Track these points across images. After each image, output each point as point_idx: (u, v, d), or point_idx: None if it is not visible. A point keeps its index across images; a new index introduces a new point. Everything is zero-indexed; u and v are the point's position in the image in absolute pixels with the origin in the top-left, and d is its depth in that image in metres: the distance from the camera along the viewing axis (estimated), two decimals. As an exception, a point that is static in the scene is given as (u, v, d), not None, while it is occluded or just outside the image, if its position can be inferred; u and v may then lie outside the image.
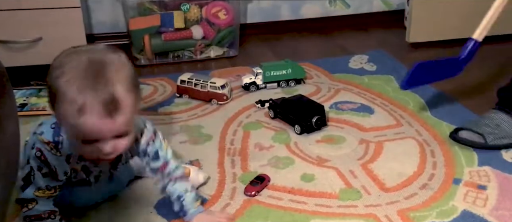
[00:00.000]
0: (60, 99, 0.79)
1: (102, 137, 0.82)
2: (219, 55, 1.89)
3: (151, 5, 1.81)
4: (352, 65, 1.80)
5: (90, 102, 0.77)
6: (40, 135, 0.89)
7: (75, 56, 0.81)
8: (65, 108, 0.79)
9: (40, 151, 0.89)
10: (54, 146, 0.88)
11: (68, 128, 0.83)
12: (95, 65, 0.79)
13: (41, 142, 0.88)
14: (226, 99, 1.51)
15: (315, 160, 1.22)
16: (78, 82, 0.77)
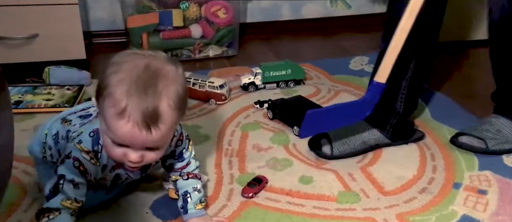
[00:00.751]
0: (106, 95, 0.79)
1: (133, 145, 0.81)
2: (218, 55, 1.89)
3: (150, 3, 1.81)
4: (353, 67, 1.80)
5: (132, 109, 0.77)
6: (79, 144, 0.86)
7: (135, 58, 0.81)
8: (107, 106, 0.79)
9: (78, 160, 0.86)
10: (94, 155, 0.87)
11: (104, 124, 0.82)
12: (150, 72, 0.79)
13: (80, 151, 0.86)
14: (225, 99, 1.51)
15: (314, 162, 1.22)
16: (128, 85, 0.77)
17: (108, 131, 0.82)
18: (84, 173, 0.87)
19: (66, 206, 0.87)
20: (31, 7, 1.57)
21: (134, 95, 0.77)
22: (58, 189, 0.86)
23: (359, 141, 1.23)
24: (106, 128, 0.82)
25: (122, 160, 0.85)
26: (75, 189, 0.87)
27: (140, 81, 0.78)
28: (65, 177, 0.87)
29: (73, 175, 0.87)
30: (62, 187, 0.86)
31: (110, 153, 0.85)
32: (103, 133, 0.84)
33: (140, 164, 0.86)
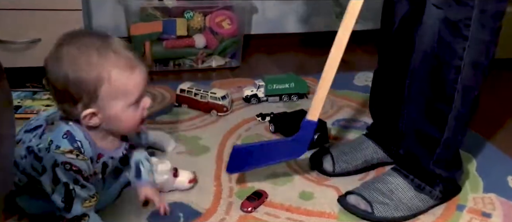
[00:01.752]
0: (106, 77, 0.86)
1: (143, 89, 0.92)
2: (221, 66, 1.90)
3: (154, 11, 1.82)
4: (357, 82, 1.80)
5: (134, 58, 0.90)
6: (58, 149, 0.89)
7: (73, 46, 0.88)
8: (118, 78, 0.87)
9: (68, 163, 0.89)
10: (79, 151, 0.90)
11: (114, 106, 0.89)
12: (101, 36, 0.91)
13: (63, 154, 0.89)
14: (226, 111, 1.51)
15: (315, 178, 1.22)
16: (112, 52, 0.88)
17: (127, 98, 0.90)
18: (79, 172, 0.90)
19: (88, 206, 0.92)
20: (34, 11, 1.58)
21: (124, 51, 0.89)
22: (71, 196, 0.90)
23: (362, 160, 1.23)
24: (123, 102, 0.90)
25: (140, 117, 0.93)
26: (84, 189, 0.91)
27: (105, 43, 0.88)
28: (69, 183, 0.89)
29: (74, 178, 0.90)
30: (74, 192, 0.90)
31: (130, 122, 0.93)
32: (118, 116, 0.91)
33: (146, 112, 0.95)
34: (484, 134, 1.43)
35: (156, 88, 1.68)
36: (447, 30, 0.97)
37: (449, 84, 1.00)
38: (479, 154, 1.34)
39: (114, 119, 0.91)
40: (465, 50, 0.97)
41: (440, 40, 0.98)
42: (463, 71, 0.98)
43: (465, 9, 0.95)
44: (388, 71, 1.20)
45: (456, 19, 0.96)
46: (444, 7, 0.96)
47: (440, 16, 0.97)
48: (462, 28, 0.96)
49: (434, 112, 1.04)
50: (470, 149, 1.34)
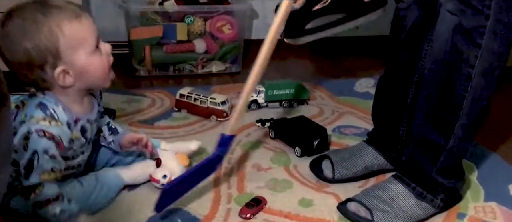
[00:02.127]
0: (61, 25, 0.92)
1: (97, 33, 0.97)
2: (221, 71, 1.91)
3: (155, 16, 1.83)
4: (358, 89, 1.80)
5: (76, 8, 0.95)
6: (31, 119, 0.94)
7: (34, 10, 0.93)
8: (70, 29, 0.93)
9: (41, 131, 0.93)
10: (52, 118, 0.94)
11: (78, 57, 0.95)
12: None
13: (37, 123, 0.94)
14: (226, 116, 1.51)
15: (315, 185, 1.22)
16: (54, 9, 0.93)
17: (86, 46, 0.95)
18: (52, 138, 0.93)
19: (45, 179, 0.94)
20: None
21: (60, 5, 0.94)
22: (32, 166, 0.92)
23: (362, 166, 1.23)
24: (85, 55, 0.95)
25: (107, 63, 1.00)
26: (52, 160, 0.94)
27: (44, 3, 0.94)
28: (37, 152, 0.92)
29: (44, 146, 0.93)
30: (38, 162, 0.93)
31: (99, 70, 0.98)
32: (86, 65, 0.96)
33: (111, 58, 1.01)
34: (486, 142, 1.43)
35: (155, 93, 1.68)
36: (460, 38, 0.97)
37: (458, 93, 1.00)
38: (480, 162, 1.34)
39: (84, 71, 0.97)
40: (477, 59, 0.97)
41: (452, 47, 0.98)
42: (473, 80, 0.98)
43: (480, 17, 0.94)
44: (394, 77, 1.20)
45: (470, 27, 0.95)
46: (459, 14, 0.96)
47: (454, 22, 0.96)
48: (476, 36, 0.95)
49: (440, 120, 1.04)
50: (471, 157, 1.33)
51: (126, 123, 1.47)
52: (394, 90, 1.21)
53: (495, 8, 0.93)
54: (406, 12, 1.13)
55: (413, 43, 1.13)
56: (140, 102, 1.61)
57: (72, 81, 0.97)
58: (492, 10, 0.94)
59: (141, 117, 1.52)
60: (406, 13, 1.13)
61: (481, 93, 1.01)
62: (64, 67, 0.94)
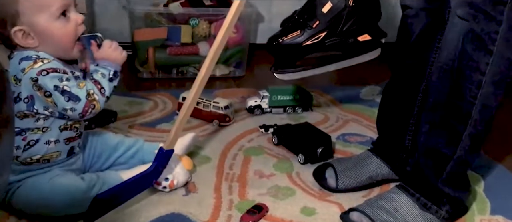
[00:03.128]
0: None
1: (67, 2, 1.00)
2: (225, 75, 1.91)
3: (159, 17, 1.84)
4: (363, 96, 1.80)
5: None
6: (24, 71, 0.98)
7: None
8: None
9: (42, 70, 0.98)
10: (40, 59, 0.99)
11: (39, 20, 0.98)
12: None
13: (32, 68, 0.98)
14: (229, 121, 1.52)
15: (317, 193, 1.21)
16: None
17: (48, 9, 0.98)
18: (55, 70, 0.99)
19: (83, 85, 1.02)
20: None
21: None
22: (68, 90, 0.99)
23: (366, 176, 1.23)
24: (46, 19, 0.98)
25: (73, 32, 1.02)
26: (71, 81, 1.01)
27: None
28: (56, 85, 0.99)
29: (56, 77, 0.99)
30: (68, 86, 1.00)
31: (63, 37, 1.01)
32: (47, 30, 0.99)
33: (83, 25, 1.04)
34: (493, 154, 1.42)
35: (158, 96, 1.68)
36: (471, 43, 0.96)
37: (468, 100, 0.99)
38: (487, 174, 1.34)
39: (46, 35, 1.00)
40: (488, 66, 0.96)
41: (462, 53, 0.97)
42: (483, 87, 0.97)
43: (493, 23, 0.93)
44: (400, 85, 1.20)
45: (482, 33, 0.94)
46: (470, 19, 0.95)
47: (465, 28, 0.96)
48: (488, 42, 0.94)
49: (448, 128, 1.03)
50: (478, 168, 1.33)
51: (127, 125, 1.47)
52: (400, 98, 1.21)
53: (508, 14, 0.92)
54: (413, 19, 1.13)
55: (420, 50, 1.13)
56: (142, 105, 1.61)
57: (34, 44, 1.00)
58: (505, 16, 0.93)
59: (142, 119, 1.52)
60: (413, 21, 1.13)
61: (491, 101, 1.00)
62: (22, 28, 0.98)
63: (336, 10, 1.11)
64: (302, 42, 1.12)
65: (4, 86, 0.58)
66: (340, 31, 1.12)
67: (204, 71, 1.09)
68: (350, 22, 1.12)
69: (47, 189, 1.02)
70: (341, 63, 1.17)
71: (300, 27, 1.13)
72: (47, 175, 1.05)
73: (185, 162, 1.20)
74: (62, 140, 1.06)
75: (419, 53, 1.14)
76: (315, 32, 1.11)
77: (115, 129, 1.44)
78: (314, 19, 1.12)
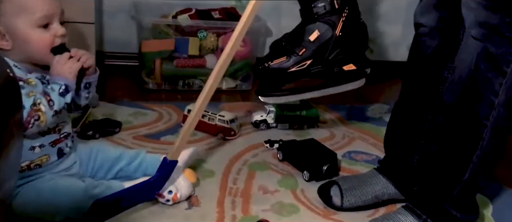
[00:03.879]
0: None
1: (52, 12, 1.01)
2: (231, 88, 1.92)
3: (167, 29, 1.85)
4: (370, 114, 1.80)
5: None
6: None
7: None
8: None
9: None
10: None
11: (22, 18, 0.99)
12: None
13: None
14: (234, 134, 1.52)
15: (322, 211, 1.21)
16: None
17: (30, 16, 0.99)
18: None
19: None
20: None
21: None
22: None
23: (372, 195, 1.22)
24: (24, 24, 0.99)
25: (49, 42, 1.02)
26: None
27: None
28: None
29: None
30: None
31: (38, 44, 1.01)
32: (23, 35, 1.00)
33: (64, 39, 1.04)
34: (502, 178, 1.41)
35: (163, 107, 1.69)
36: (485, 64, 0.96)
37: (480, 121, 0.99)
38: (496, 198, 1.33)
39: (22, 40, 1.00)
40: (501, 87, 0.96)
41: (476, 73, 0.97)
42: (496, 109, 0.97)
43: (508, 43, 0.93)
44: (411, 104, 1.20)
45: (496, 53, 0.94)
46: (485, 40, 0.95)
47: (479, 49, 0.96)
48: (502, 63, 0.94)
49: (458, 149, 1.03)
50: (486, 192, 1.32)
51: (131, 136, 1.48)
52: (411, 117, 1.20)
53: None
54: (426, 38, 1.14)
55: (432, 69, 1.13)
56: (147, 116, 1.62)
57: (7, 46, 1.00)
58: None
59: (147, 130, 1.53)
60: (426, 39, 1.14)
61: (503, 123, 1.00)
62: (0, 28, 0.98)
63: (323, 39, 1.13)
64: (288, 68, 1.14)
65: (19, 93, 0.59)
66: (326, 59, 1.13)
67: (212, 79, 1.08)
68: (336, 51, 1.14)
69: (48, 190, 1.03)
70: (324, 90, 1.18)
71: (287, 53, 1.15)
72: (46, 178, 1.06)
73: (188, 175, 1.20)
74: (47, 144, 1.06)
75: (431, 72, 1.14)
76: (301, 59, 1.13)
77: (119, 139, 1.44)
78: (300, 47, 1.14)
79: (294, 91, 1.19)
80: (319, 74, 1.16)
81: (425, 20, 1.13)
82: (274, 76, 1.17)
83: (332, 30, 1.14)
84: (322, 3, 1.16)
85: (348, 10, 1.17)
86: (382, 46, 2.25)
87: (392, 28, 2.24)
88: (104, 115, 1.53)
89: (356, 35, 1.18)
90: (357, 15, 1.24)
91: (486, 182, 1.08)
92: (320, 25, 1.17)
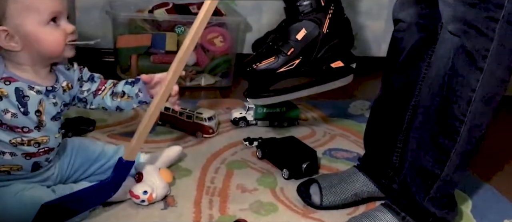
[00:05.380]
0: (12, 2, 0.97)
1: (58, 10, 1.01)
2: (210, 85, 1.92)
3: (144, 24, 1.84)
4: (352, 111, 1.82)
5: None
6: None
7: None
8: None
9: None
10: None
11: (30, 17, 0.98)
12: None
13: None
14: (212, 132, 1.52)
15: (301, 210, 1.22)
16: None
17: (37, 14, 0.99)
18: None
19: None
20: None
21: None
22: None
23: (351, 193, 1.24)
24: (33, 23, 0.99)
25: (62, 40, 1.02)
26: None
27: None
28: None
29: None
30: None
31: (51, 43, 1.01)
32: (33, 34, 0.99)
33: (74, 35, 1.04)
34: (481, 174, 1.44)
35: (139, 105, 1.68)
36: (461, 60, 0.97)
37: (457, 118, 1.00)
38: (475, 194, 1.35)
39: (32, 38, 0.99)
40: (478, 83, 0.97)
41: (452, 69, 0.99)
42: (473, 104, 0.99)
43: (485, 39, 0.95)
44: (390, 101, 1.22)
45: (473, 49, 0.96)
46: (461, 35, 0.96)
47: (456, 44, 0.97)
48: (478, 59, 0.96)
49: (436, 146, 1.05)
50: (465, 188, 1.35)
51: (105, 134, 1.47)
52: (390, 114, 1.22)
53: (500, 32, 0.94)
54: (404, 34, 1.15)
55: (411, 66, 1.15)
56: (122, 114, 1.61)
57: (17, 47, 1.00)
58: (497, 34, 0.95)
59: (122, 129, 1.52)
60: (404, 35, 1.15)
61: (480, 119, 1.02)
62: (7, 29, 0.98)
63: (310, 37, 1.14)
64: (277, 68, 1.14)
65: None
66: (314, 58, 1.14)
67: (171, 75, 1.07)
68: (324, 49, 1.15)
69: (13, 204, 1.00)
70: (313, 89, 1.20)
71: (274, 53, 1.15)
72: (12, 188, 1.03)
73: (164, 174, 1.20)
74: (19, 154, 1.03)
75: (410, 69, 1.15)
76: (290, 59, 1.13)
77: (93, 138, 1.43)
78: (288, 46, 1.14)
79: (283, 92, 1.19)
80: (308, 73, 1.17)
81: (404, 16, 1.15)
82: (262, 78, 1.17)
83: (319, 28, 1.14)
84: (308, 1, 1.16)
85: (334, 7, 1.18)
86: (364, 42, 2.27)
87: (374, 24, 2.27)
88: (78, 113, 1.52)
89: (343, 32, 1.19)
90: (341, 11, 1.25)
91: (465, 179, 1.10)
92: (306, 23, 1.17)
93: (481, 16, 0.95)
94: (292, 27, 1.17)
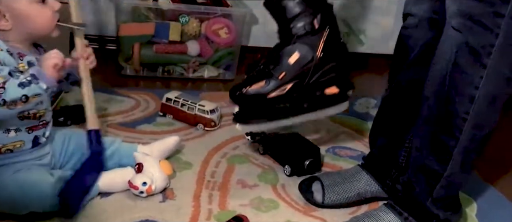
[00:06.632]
0: None
1: None
2: (213, 77, 1.92)
3: (148, 12, 1.84)
4: (357, 109, 1.82)
5: None
6: None
7: None
8: None
9: None
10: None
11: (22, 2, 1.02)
12: None
13: None
14: (214, 125, 1.52)
15: (302, 208, 1.22)
16: None
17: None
18: None
19: None
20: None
21: None
22: None
23: (354, 192, 1.23)
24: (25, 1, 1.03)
25: (51, 16, 1.07)
26: None
27: None
28: None
29: None
30: None
31: (41, 19, 1.05)
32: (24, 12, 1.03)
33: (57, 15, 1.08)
34: (487, 177, 1.44)
35: (140, 95, 1.68)
36: (465, 56, 0.96)
37: (460, 116, 0.99)
38: (480, 197, 1.35)
39: (23, 17, 1.04)
40: (482, 80, 0.96)
41: (455, 66, 0.98)
42: (476, 103, 0.98)
43: (489, 35, 0.94)
44: (398, 100, 1.21)
45: (477, 45, 0.95)
46: (465, 31, 0.95)
47: (459, 40, 0.96)
48: (483, 55, 0.95)
49: (438, 145, 1.04)
50: (470, 191, 1.34)
51: (105, 124, 1.47)
52: (398, 112, 1.21)
53: (506, 28, 0.93)
54: (413, 31, 1.14)
55: (421, 64, 1.14)
56: (123, 103, 1.61)
57: (7, 26, 1.03)
58: (502, 30, 0.94)
59: (122, 119, 1.52)
60: (413, 33, 1.14)
61: (484, 119, 1.01)
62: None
63: (304, 61, 1.11)
64: (267, 93, 1.12)
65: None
66: (307, 83, 1.12)
67: None
68: (317, 74, 1.13)
69: (13, 185, 1.02)
70: (306, 115, 1.18)
71: (265, 77, 1.13)
72: (10, 168, 1.05)
73: (164, 166, 1.20)
74: (23, 129, 1.07)
75: (420, 67, 1.14)
76: (281, 84, 1.11)
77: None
78: (280, 70, 1.12)
79: (273, 118, 1.18)
80: (300, 99, 1.15)
81: (417, 10, 1.13)
82: (252, 103, 1.15)
83: (312, 52, 1.12)
84: (301, 23, 1.14)
85: (329, 30, 1.16)
86: (372, 38, 2.26)
87: (383, 20, 2.26)
88: (77, 101, 1.51)
89: (338, 56, 1.17)
90: (338, 35, 1.24)
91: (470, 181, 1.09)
92: (300, 47, 1.15)
93: (487, 11, 0.93)
94: (284, 51, 1.15)
